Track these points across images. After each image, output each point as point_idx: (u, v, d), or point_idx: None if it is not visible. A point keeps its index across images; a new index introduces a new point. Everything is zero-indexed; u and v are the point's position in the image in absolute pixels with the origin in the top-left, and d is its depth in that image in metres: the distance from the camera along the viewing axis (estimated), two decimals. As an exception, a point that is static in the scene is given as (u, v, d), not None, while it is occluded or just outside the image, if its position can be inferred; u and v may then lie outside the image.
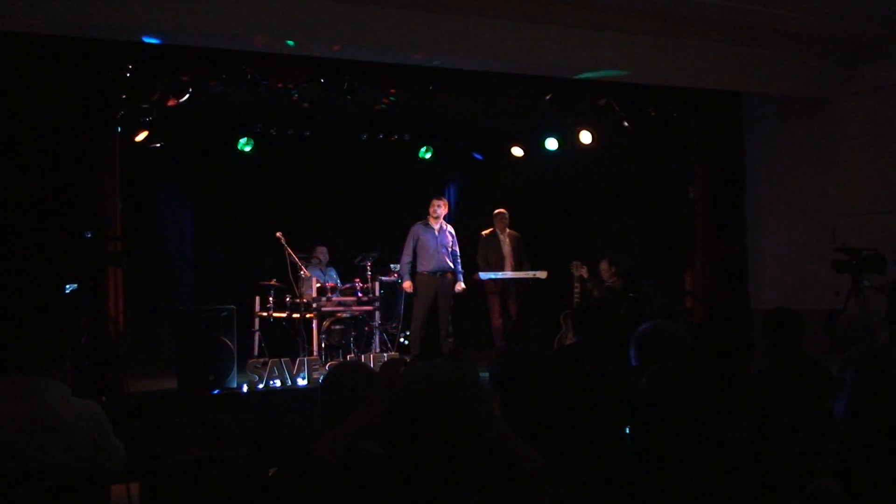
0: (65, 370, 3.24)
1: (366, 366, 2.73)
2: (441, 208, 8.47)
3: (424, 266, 8.38)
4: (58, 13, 5.26)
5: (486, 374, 3.52)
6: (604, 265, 9.30)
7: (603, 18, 6.45)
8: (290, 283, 7.94)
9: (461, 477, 1.70)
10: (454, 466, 1.69)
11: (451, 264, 8.48)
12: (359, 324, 8.28)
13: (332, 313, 8.06)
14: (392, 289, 8.96)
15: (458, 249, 8.59)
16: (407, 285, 8.45)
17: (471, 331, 9.52)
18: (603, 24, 6.51)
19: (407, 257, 8.44)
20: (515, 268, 8.88)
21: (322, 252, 9.03)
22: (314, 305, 7.88)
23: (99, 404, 3.25)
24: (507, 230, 9.05)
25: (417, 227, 8.48)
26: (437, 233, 8.42)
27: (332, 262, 9.19)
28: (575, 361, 4.03)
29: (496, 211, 9.10)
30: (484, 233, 9.01)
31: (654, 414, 2.05)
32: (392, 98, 8.12)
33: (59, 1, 5.26)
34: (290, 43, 6.03)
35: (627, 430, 2.19)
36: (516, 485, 1.94)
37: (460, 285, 8.57)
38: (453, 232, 8.62)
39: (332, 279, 8.82)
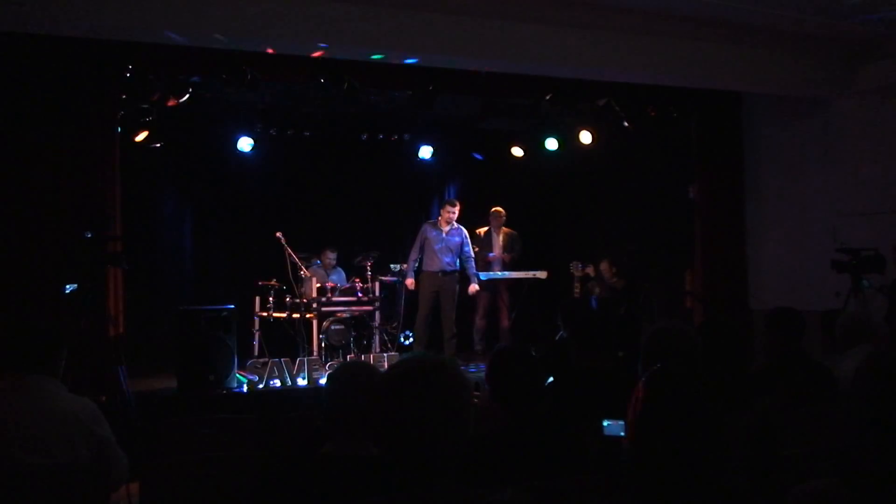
0: (62, 369, 3.24)
1: (373, 367, 2.73)
2: (454, 215, 8.49)
3: (428, 265, 8.44)
4: (58, 13, 5.26)
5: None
6: (604, 265, 9.29)
7: (603, 18, 6.44)
8: (290, 283, 7.94)
9: (448, 464, 1.72)
10: (440, 453, 1.71)
11: (457, 265, 8.48)
12: (359, 324, 8.28)
13: (332, 313, 8.06)
14: (392, 289, 8.96)
15: (470, 251, 8.58)
16: (409, 282, 8.52)
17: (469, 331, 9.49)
18: (603, 24, 6.50)
19: (414, 255, 8.53)
20: (508, 267, 8.93)
21: (330, 256, 9.01)
22: (314, 305, 7.88)
23: (98, 404, 3.25)
24: (503, 228, 9.12)
25: (426, 227, 8.58)
26: (444, 234, 8.46)
27: (339, 264, 9.17)
28: (561, 356, 4.02)
29: (492, 209, 9.16)
30: (480, 231, 9.06)
31: (652, 413, 2.05)
32: (392, 95, 8.12)
33: (60, 1, 5.25)
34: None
35: (623, 424, 2.19)
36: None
37: (474, 287, 8.58)
38: (466, 234, 8.60)
39: (340, 281, 8.79)
